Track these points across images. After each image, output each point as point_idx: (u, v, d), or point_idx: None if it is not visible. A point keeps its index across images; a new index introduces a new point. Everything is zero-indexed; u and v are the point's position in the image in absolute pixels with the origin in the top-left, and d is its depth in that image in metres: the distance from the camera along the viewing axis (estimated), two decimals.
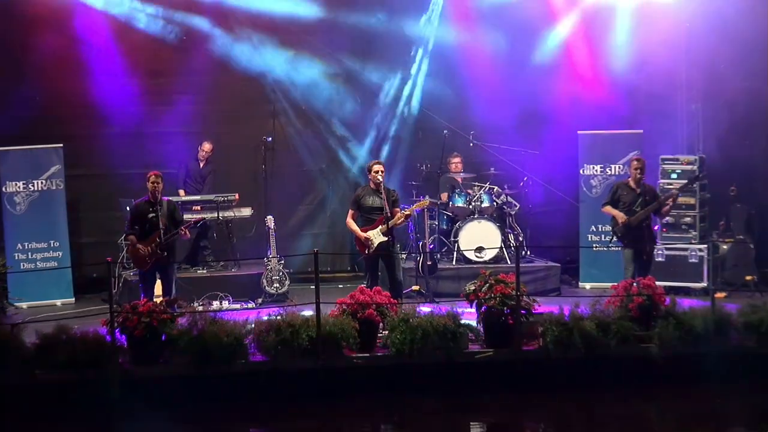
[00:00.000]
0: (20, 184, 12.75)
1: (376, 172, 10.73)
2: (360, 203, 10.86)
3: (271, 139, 13.60)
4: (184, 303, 10.36)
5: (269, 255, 12.39)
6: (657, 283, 10.34)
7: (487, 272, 10.17)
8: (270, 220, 12.51)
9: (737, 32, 12.68)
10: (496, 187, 13.23)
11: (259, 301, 12.22)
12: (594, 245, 13.05)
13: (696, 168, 12.79)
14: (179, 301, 10.15)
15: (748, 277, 12.44)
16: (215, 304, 11.77)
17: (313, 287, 9.90)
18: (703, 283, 12.36)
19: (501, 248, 12.73)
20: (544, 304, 10.27)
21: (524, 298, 9.87)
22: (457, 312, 9.88)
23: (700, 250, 12.56)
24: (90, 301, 12.45)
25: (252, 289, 12.48)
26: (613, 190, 11.42)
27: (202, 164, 13.34)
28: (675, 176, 12.80)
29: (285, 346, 9.47)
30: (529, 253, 13.34)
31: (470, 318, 10.01)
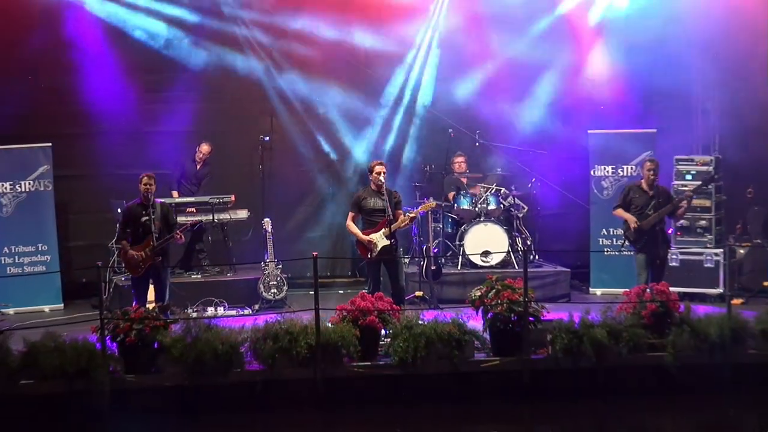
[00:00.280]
0: (7, 185, 12.78)
1: (378, 173, 10.71)
2: (361, 205, 10.84)
3: (268, 138, 13.61)
4: (178, 309, 10.37)
5: (266, 259, 12.40)
6: (671, 289, 10.31)
7: (494, 277, 10.16)
8: (267, 223, 12.51)
9: (757, 25, 12.67)
10: (503, 189, 13.23)
11: (256, 307, 12.24)
12: (605, 249, 13.06)
13: (712, 169, 12.76)
14: (172, 308, 10.17)
15: (765, 283, 12.45)
16: (210, 311, 11.79)
17: (312, 293, 9.90)
18: (719, 289, 12.33)
19: (508, 252, 12.74)
20: (553, 310, 10.25)
21: (532, 304, 9.85)
22: (462, 319, 9.86)
23: (715, 254, 12.55)
24: (79, 307, 12.46)
25: (248, 294, 12.49)
26: (625, 192, 11.42)
27: (198, 166, 13.31)
28: (690, 177, 12.78)
29: (283, 355, 9.47)
30: (537, 257, 13.36)
31: (476, 325, 10.00)
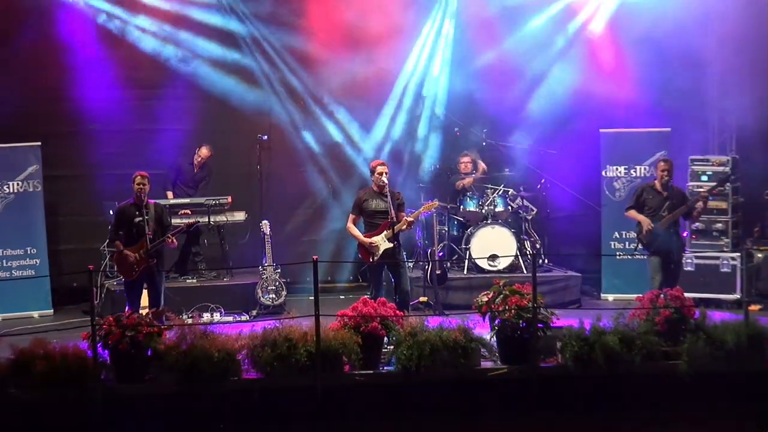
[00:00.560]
0: None
1: (380, 173, 10.69)
2: (362, 207, 10.82)
3: (267, 137, 13.62)
4: (172, 315, 10.36)
5: (264, 263, 12.41)
6: (686, 294, 10.31)
7: (501, 282, 10.14)
8: (265, 226, 12.52)
9: None
10: (511, 190, 13.24)
11: (254, 313, 12.25)
12: (617, 253, 13.04)
13: (728, 169, 12.77)
14: (167, 313, 10.16)
15: None
16: (206, 317, 11.82)
17: (312, 298, 9.90)
18: (736, 295, 12.35)
19: (516, 256, 12.75)
20: (563, 317, 10.24)
21: (541, 310, 9.85)
22: (468, 325, 9.85)
23: (732, 258, 12.55)
24: (70, 313, 12.48)
25: (246, 300, 12.51)
26: (637, 194, 11.41)
27: (196, 169, 13.31)
28: (705, 178, 12.79)
29: (281, 362, 9.45)
30: (546, 261, 13.36)
31: (483, 332, 10.00)
